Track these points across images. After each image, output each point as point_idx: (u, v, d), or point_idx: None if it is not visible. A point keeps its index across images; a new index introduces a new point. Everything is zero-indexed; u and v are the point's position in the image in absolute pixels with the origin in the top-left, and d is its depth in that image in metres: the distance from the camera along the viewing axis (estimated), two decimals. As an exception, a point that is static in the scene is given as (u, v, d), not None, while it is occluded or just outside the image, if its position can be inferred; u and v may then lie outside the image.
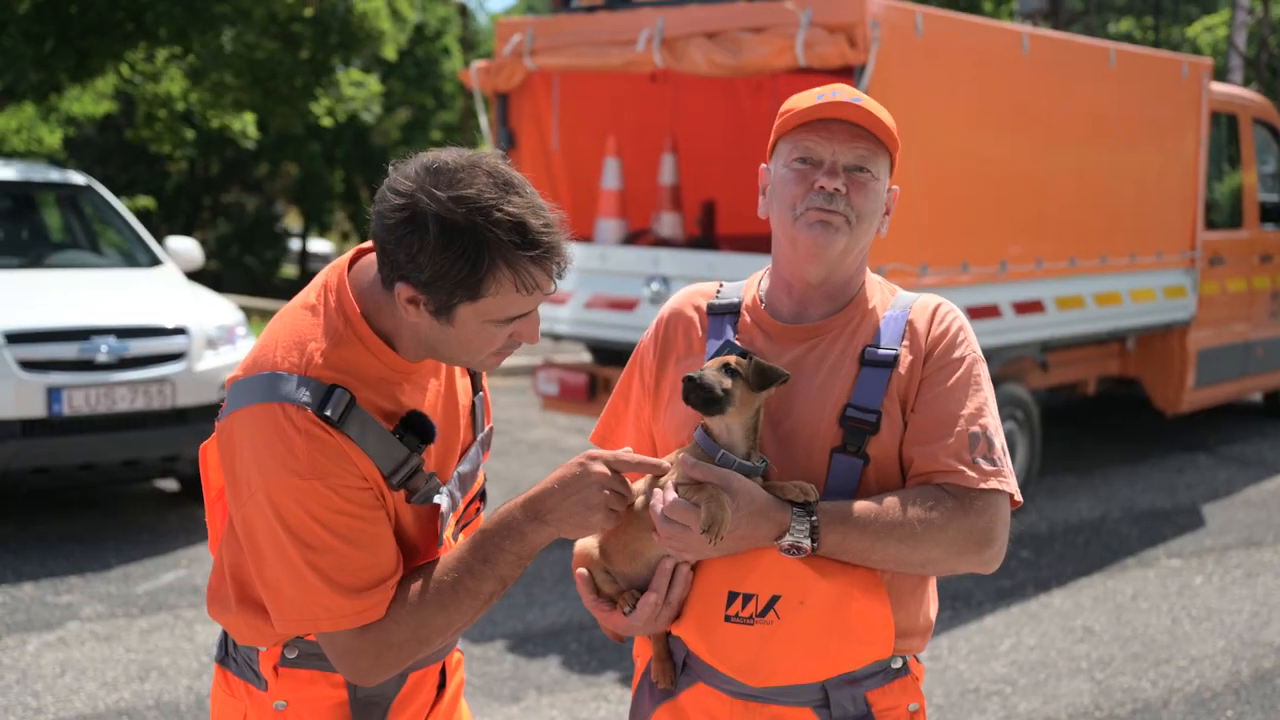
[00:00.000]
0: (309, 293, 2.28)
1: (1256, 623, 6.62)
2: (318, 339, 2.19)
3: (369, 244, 2.24)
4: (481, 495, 2.53)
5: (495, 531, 2.23)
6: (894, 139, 2.37)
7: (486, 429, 2.52)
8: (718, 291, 2.54)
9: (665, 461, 2.26)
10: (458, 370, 2.44)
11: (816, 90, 2.38)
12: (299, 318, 2.23)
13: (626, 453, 2.25)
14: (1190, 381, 9.93)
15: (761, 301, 2.47)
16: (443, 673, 2.52)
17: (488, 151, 2.18)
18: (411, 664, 2.27)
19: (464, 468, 2.41)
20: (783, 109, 2.40)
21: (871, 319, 2.40)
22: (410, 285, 2.10)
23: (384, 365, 2.21)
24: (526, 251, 2.08)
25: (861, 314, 2.41)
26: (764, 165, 2.47)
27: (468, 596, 2.21)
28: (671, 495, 2.21)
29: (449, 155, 2.13)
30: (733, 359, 2.26)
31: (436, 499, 2.29)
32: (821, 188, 2.31)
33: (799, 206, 2.34)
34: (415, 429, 2.23)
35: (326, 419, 2.12)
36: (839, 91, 2.35)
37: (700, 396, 2.21)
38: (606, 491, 2.21)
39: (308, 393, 2.13)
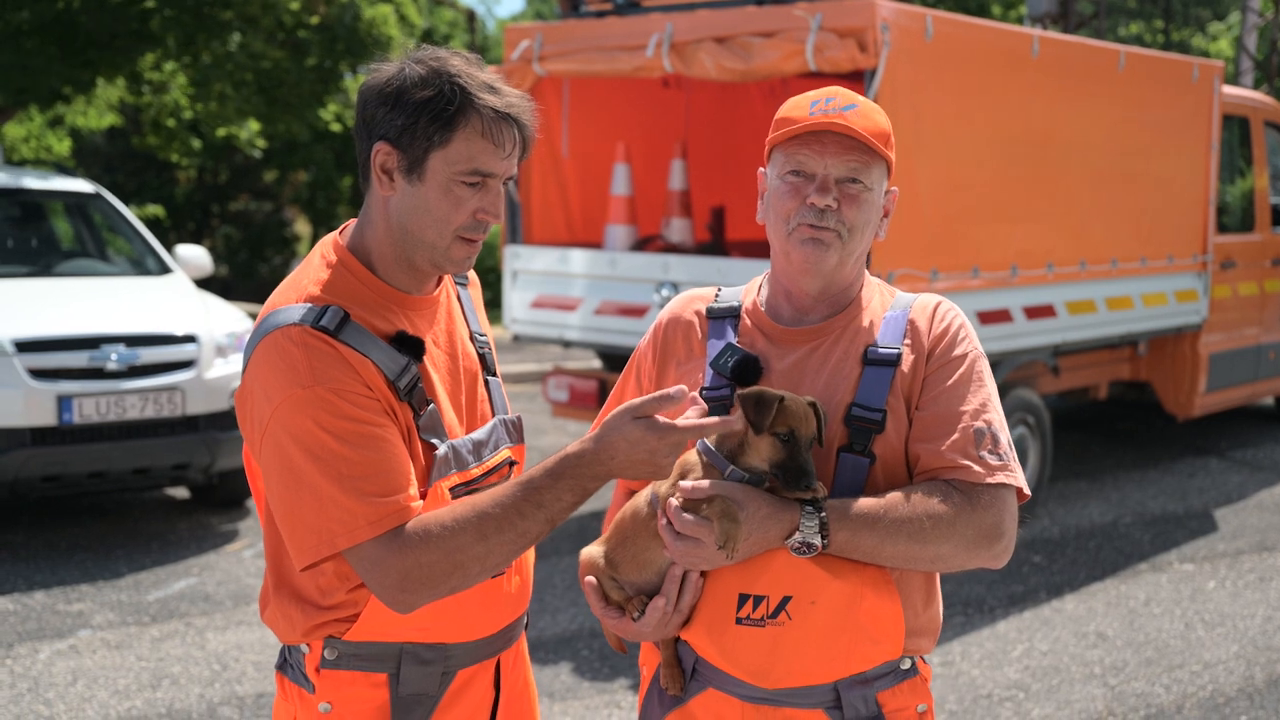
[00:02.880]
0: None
1: (1270, 627, 6.59)
2: (310, 276, 2.33)
3: None
4: (510, 472, 2.49)
5: (552, 473, 2.19)
6: (889, 145, 2.38)
7: (515, 416, 2.53)
8: (716, 295, 2.55)
9: (670, 391, 2.17)
10: (461, 335, 2.47)
11: (811, 96, 2.39)
12: (295, 272, 2.38)
13: (644, 399, 2.19)
14: (1202, 385, 9.89)
15: (761, 306, 2.47)
16: (497, 672, 2.49)
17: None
18: (447, 591, 2.22)
19: (479, 435, 2.41)
20: (778, 115, 2.41)
21: (872, 319, 2.41)
22: (386, 142, 2.26)
23: (366, 288, 2.31)
24: (495, 99, 2.25)
25: (862, 315, 2.42)
26: (762, 170, 2.47)
27: (512, 531, 2.19)
28: (679, 512, 2.20)
29: (430, 48, 2.34)
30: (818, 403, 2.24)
31: (436, 443, 2.30)
32: (812, 204, 2.32)
33: (792, 221, 2.35)
34: (405, 343, 2.30)
35: (323, 329, 2.21)
36: (834, 98, 2.36)
37: (800, 478, 2.19)
38: (660, 441, 2.16)
39: (302, 313, 2.24)
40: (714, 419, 2.19)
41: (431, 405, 2.30)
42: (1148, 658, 6.17)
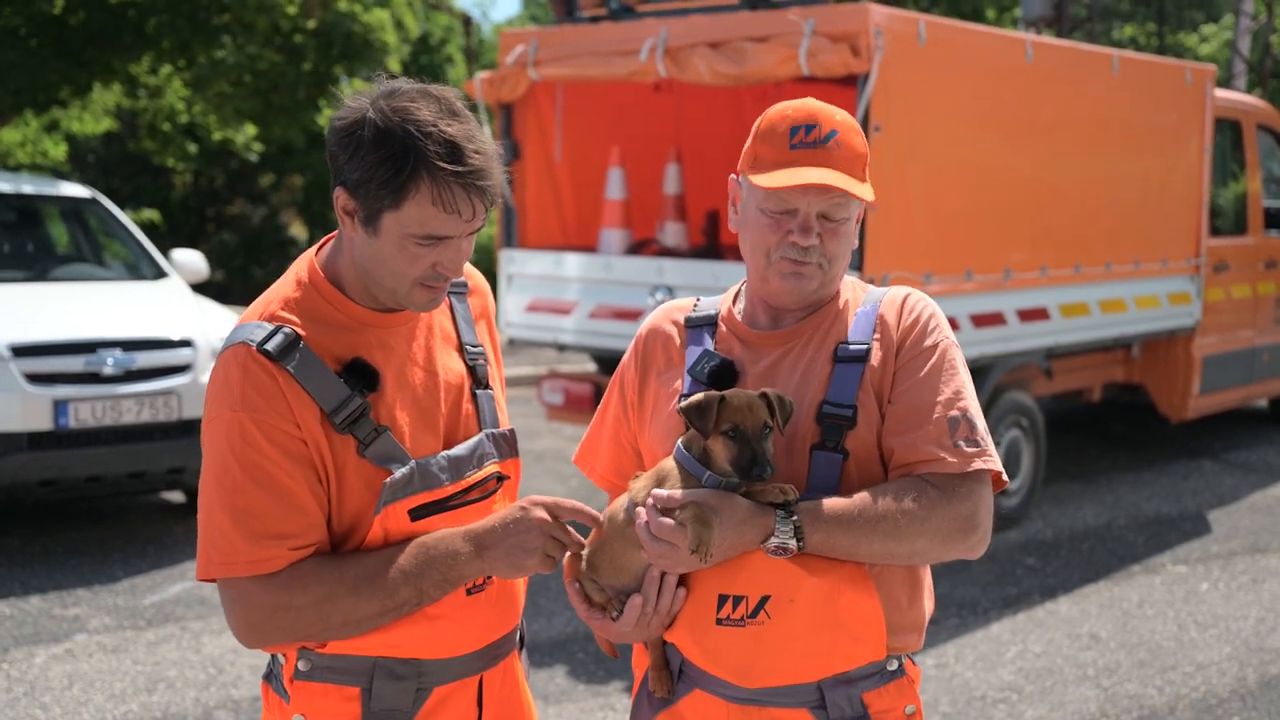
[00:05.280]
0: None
1: (1263, 628, 6.61)
2: (279, 294, 2.34)
3: None
4: (497, 486, 2.48)
5: (433, 548, 2.28)
6: (865, 169, 2.39)
7: (506, 430, 2.50)
8: (694, 306, 2.57)
9: (596, 513, 2.35)
10: (442, 350, 2.44)
11: (791, 120, 2.36)
12: (270, 289, 2.39)
13: (566, 500, 2.32)
14: (1195, 388, 9.92)
15: (738, 314, 2.50)
16: (480, 691, 2.46)
17: (448, 87, 2.29)
18: (303, 639, 2.27)
19: (458, 451, 2.39)
20: (756, 138, 2.39)
21: (843, 317, 2.43)
22: (345, 189, 2.24)
23: (336, 310, 2.32)
24: (450, 166, 2.17)
25: (834, 314, 2.43)
26: (734, 177, 2.47)
27: (383, 594, 2.25)
28: (655, 515, 2.23)
29: (406, 82, 2.26)
30: (772, 394, 2.26)
31: (395, 468, 2.29)
32: (795, 243, 2.34)
33: (773, 254, 2.37)
34: (358, 373, 2.29)
35: (266, 353, 2.22)
36: (814, 127, 2.34)
37: (751, 466, 2.22)
38: (545, 537, 2.29)
39: (258, 332, 2.25)
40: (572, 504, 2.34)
41: (384, 432, 2.28)
42: (1141, 659, 6.19)
